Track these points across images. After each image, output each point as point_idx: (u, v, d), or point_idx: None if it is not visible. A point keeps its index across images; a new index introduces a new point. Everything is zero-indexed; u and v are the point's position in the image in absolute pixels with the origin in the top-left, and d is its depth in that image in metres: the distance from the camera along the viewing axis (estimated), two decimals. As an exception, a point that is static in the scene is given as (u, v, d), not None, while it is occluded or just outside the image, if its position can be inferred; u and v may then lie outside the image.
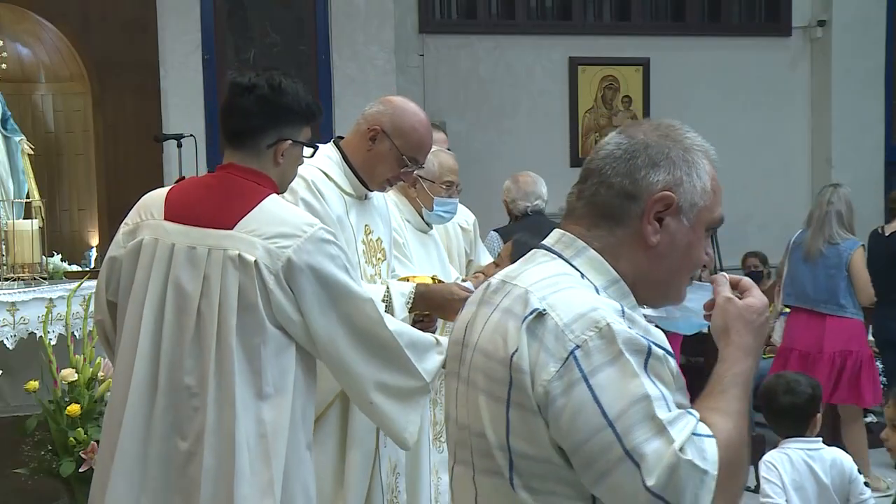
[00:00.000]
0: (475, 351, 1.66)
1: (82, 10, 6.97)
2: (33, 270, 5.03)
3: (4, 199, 5.48)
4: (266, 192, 2.56)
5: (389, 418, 2.73)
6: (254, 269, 2.43)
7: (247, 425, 2.42)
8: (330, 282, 2.52)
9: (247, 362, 2.43)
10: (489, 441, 1.60)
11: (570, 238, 1.68)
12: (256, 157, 2.58)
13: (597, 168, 1.69)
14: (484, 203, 8.07)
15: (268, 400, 2.45)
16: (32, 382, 4.26)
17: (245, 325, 2.44)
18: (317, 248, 2.49)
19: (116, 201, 6.93)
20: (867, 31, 9.52)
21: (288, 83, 2.60)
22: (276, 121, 2.58)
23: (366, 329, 2.61)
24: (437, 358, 2.79)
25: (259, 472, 2.42)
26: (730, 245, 8.03)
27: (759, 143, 9.45)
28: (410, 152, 3.15)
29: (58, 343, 4.50)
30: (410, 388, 2.75)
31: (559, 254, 1.68)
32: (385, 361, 2.67)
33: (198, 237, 2.48)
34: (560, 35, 9.18)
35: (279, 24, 7.44)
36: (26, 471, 4.15)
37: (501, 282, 1.70)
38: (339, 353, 2.58)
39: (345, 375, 2.64)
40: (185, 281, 2.46)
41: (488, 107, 9.00)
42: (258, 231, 2.46)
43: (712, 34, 9.55)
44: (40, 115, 7.17)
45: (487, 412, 1.60)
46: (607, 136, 1.75)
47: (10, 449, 4.24)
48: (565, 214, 1.74)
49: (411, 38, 8.72)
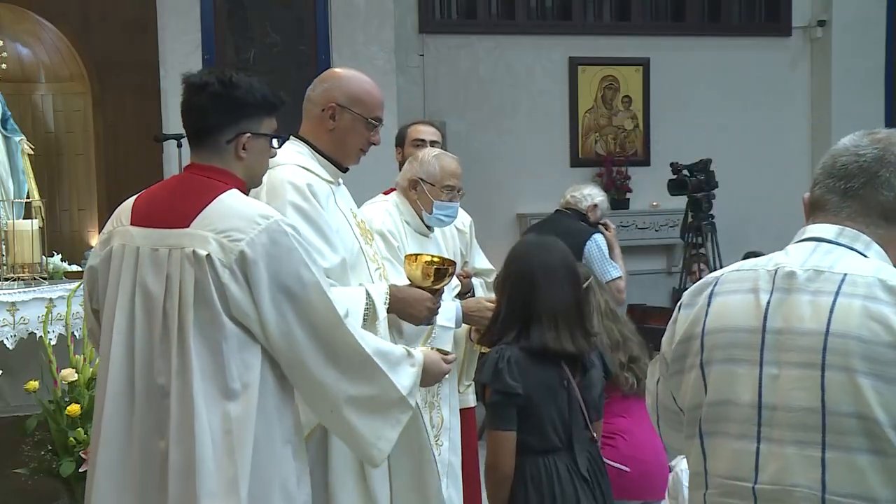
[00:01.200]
0: (831, 336, 1.75)
1: (82, 10, 6.98)
2: (33, 270, 5.03)
3: (4, 199, 5.47)
4: (224, 187, 2.54)
5: (355, 430, 2.62)
6: (206, 264, 2.42)
7: (211, 420, 2.41)
8: (283, 275, 2.46)
9: (209, 357, 2.43)
10: (876, 420, 1.70)
11: (854, 233, 1.84)
12: (218, 153, 2.59)
13: (867, 170, 1.85)
14: (484, 203, 8.07)
15: (233, 395, 2.42)
16: (32, 382, 4.27)
17: (203, 321, 2.43)
18: (271, 240, 2.45)
19: (116, 201, 6.85)
20: (867, 31, 9.52)
21: (240, 77, 2.58)
22: (232, 115, 2.57)
23: (324, 328, 2.52)
24: (411, 371, 2.69)
25: (224, 468, 2.41)
26: (730, 245, 8.04)
27: (759, 143, 9.45)
28: (372, 113, 3.14)
29: (58, 343, 4.50)
30: (383, 399, 2.63)
31: (849, 246, 1.83)
32: (348, 366, 2.56)
33: (159, 238, 2.50)
34: (560, 35, 9.18)
35: (279, 24, 7.43)
36: (26, 471, 4.15)
37: (814, 271, 1.81)
38: (295, 352, 2.50)
39: (300, 379, 2.55)
40: (151, 283, 2.48)
41: (488, 107, 9.00)
42: (212, 226, 2.45)
43: (712, 34, 9.56)
44: (40, 115, 7.17)
45: (874, 393, 1.70)
46: (851, 139, 1.92)
47: (10, 449, 4.24)
48: (818, 208, 1.89)
49: (411, 38, 8.72)
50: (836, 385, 1.73)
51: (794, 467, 1.76)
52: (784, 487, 1.77)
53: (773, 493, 1.79)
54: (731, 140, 9.25)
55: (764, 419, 1.80)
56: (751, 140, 9.41)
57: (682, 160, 8.27)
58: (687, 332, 1.94)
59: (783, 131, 9.58)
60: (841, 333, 1.74)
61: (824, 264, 1.81)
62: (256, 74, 2.71)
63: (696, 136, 9.13)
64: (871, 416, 1.70)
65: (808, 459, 1.75)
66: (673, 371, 1.98)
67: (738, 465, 1.83)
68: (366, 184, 4.08)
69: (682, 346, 1.94)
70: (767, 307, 1.82)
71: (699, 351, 1.90)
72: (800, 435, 1.76)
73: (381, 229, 3.68)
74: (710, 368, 1.88)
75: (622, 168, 9.20)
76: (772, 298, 1.82)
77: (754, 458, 1.81)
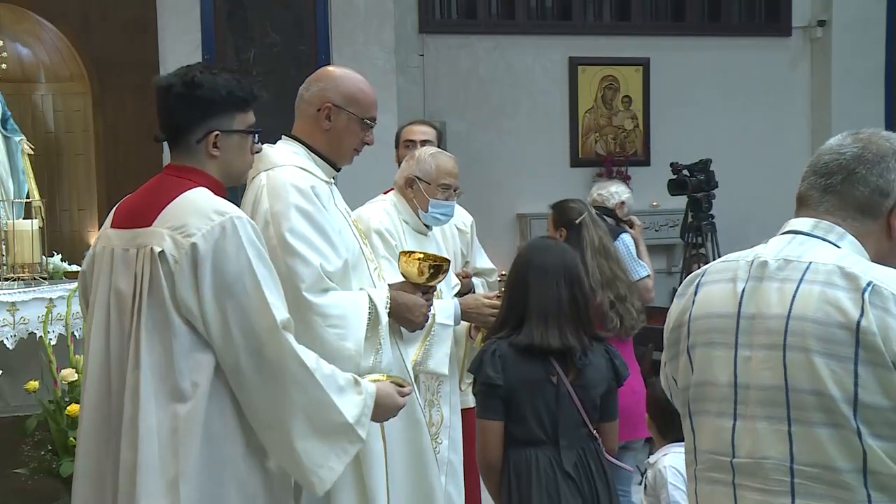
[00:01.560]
0: (791, 319, 1.89)
1: (82, 10, 6.97)
2: (33, 270, 5.03)
3: (4, 199, 5.47)
4: (190, 185, 2.54)
5: (294, 451, 2.49)
6: (159, 260, 2.44)
7: (160, 418, 2.40)
8: (228, 274, 2.43)
9: (160, 356, 2.43)
10: (831, 396, 1.83)
11: (829, 225, 1.97)
12: (190, 153, 2.60)
13: (846, 167, 1.98)
14: (484, 203, 8.07)
15: (183, 394, 2.42)
16: (32, 382, 4.27)
17: (157, 320, 2.44)
18: (222, 236, 2.44)
19: (116, 201, 6.81)
20: (867, 31, 9.52)
21: (203, 76, 2.57)
22: (198, 115, 2.57)
23: (262, 334, 2.44)
24: (357, 399, 2.58)
25: (167, 468, 2.40)
26: (730, 245, 8.02)
27: (759, 143, 9.45)
28: (368, 113, 3.13)
29: (58, 343, 4.51)
30: (327, 423, 2.52)
31: (822, 238, 1.96)
32: (286, 380, 2.47)
33: (130, 238, 2.53)
34: (560, 35, 9.18)
35: (279, 24, 7.43)
36: (26, 471, 4.16)
37: (784, 260, 1.95)
38: (231, 354, 2.44)
39: (238, 386, 2.47)
40: (122, 283, 2.51)
41: (488, 107, 9.00)
42: (169, 223, 2.47)
43: (712, 34, 9.55)
44: (40, 115, 7.17)
45: (828, 371, 1.83)
46: (837, 139, 2.04)
47: (10, 449, 4.24)
48: (802, 203, 2.04)
49: (411, 38, 8.72)
50: (796, 364, 1.88)
51: (765, 441, 1.91)
52: (757, 460, 1.92)
53: (749, 466, 1.93)
54: (731, 140, 9.25)
55: (739, 398, 1.95)
56: (751, 140, 9.40)
57: (682, 160, 8.27)
58: (678, 320, 2.10)
59: (783, 131, 9.58)
60: (800, 317, 1.88)
61: (794, 254, 1.96)
62: (258, 74, 2.70)
63: (696, 136, 9.13)
64: (826, 393, 1.84)
65: (777, 433, 1.90)
66: (670, 356, 2.14)
67: (719, 441, 1.98)
68: (365, 184, 4.09)
69: (675, 332, 2.11)
70: (742, 295, 1.98)
71: (687, 336, 2.06)
72: (769, 411, 1.91)
73: (378, 228, 3.67)
74: (695, 352, 2.04)
75: (622, 168, 9.19)
76: (746, 286, 1.98)
77: (730, 434, 1.96)
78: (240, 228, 2.46)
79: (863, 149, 1.99)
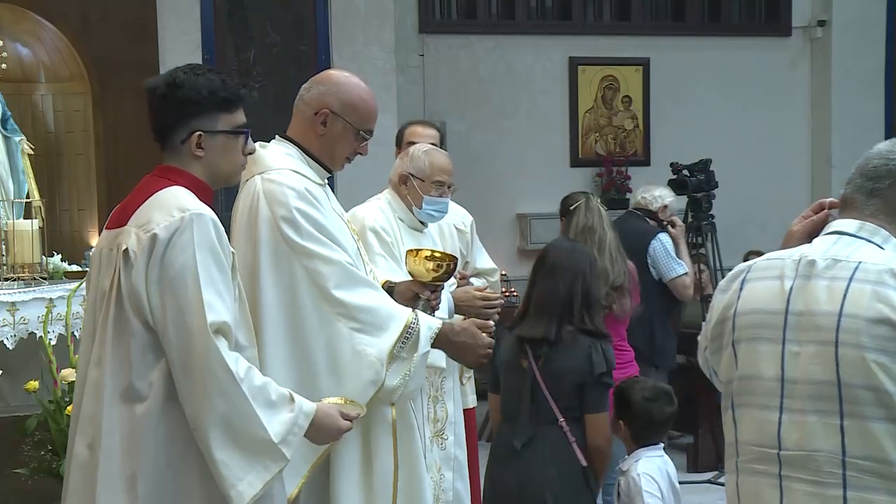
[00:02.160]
0: (843, 317, 1.96)
1: (82, 10, 6.98)
2: (33, 270, 5.02)
3: (4, 199, 5.47)
4: (167, 184, 2.54)
5: (214, 460, 2.40)
6: (123, 258, 2.46)
7: (120, 416, 2.42)
8: (174, 267, 2.41)
9: (120, 353, 2.44)
10: (887, 392, 1.91)
11: (874, 227, 2.06)
12: (175, 154, 2.61)
13: (894, 172, 2.07)
14: (484, 203, 8.07)
15: (139, 394, 2.42)
16: (32, 382, 4.26)
17: (119, 317, 2.45)
18: (179, 231, 2.42)
19: (116, 201, 6.85)
20: (867, 31, 9.52)
21: (186, 77, 2.56)
22: (181, 116, 2.57)
23: (192, 332, 2.39)
24: (286, 417, 2.47)
25: (125, 465, 2.41)
26: (730, 245, 8.02)
27: (759, 143, 9.45)
28: (364, 125, 3.06)
29: (58, 343, 4.50)
30: (248, 436, 2.42)
31: (867, 239, 2.05)
32: (208, 383, 2.39)
33: (112, 238, 2.55)
34: (560, 35, 9.18)
35: (279, 24, 7.43)
36: (26, 471, 4.15)
37: (832, 260, 2.03)
38: (166, 350, 2.41)
39: (177, 385, 2.42)
40: (104, 282, 2.53)
41: (488, 107, 9.00)
42: (137, 221, 2.49)
43: (712, 34, 9.55)
44: (40, 115, 7.18)
45: (882, 367, 1.92)
46: (886, 144, 2.12)
47: (10, 449, 4.24)
48: (847, 206, 2.11)
49: (411, 38, 8.72)
50: (849, 360, 1.95)
51: (816, 434, 1.98)
52: (808, 453, 1.99)
53: (798, 459, 2.00)
54: (731, 140, 9.25)
55: (786, 392, 2.03)
56: (751, 140, 9.40)
57: (682, 160, 8.23)
58: (722, 315, 2.17)
59: (783, 131, 9.58)
60: (852, 314, 1.96)
61: (842, 254, 2.03)
62: (258, 74, 2.70)
63: (696, 136, 9.12)
64: (882, 388, 1.92)
65: (828, 427, 1.97)
66: (712, 350, 2.22)
67: (763, 433, 2.06)
68: (365, 184, 4.09)
69: (718, 327, 2.18)
70: (790, 292, 2.05)
71: (731, 331, 2.13)
72: (819, 405, 1.98)
73: (373, 226, 3.66)
74: (740, 347, 2.11)
75: (622, 168, 9.19)
76: (794, 284, 2.05)
77: (776, 427, 2.03)
78: (196, 225, 2.44)
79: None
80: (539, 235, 8.90)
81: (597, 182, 9.19)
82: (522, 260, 9.04)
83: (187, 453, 2.45)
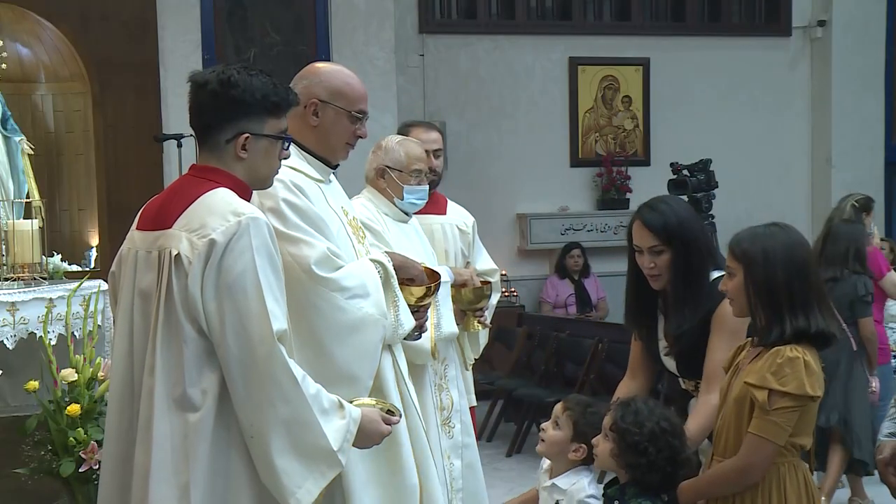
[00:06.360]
0: None
1: (82, 10, 6.98)
2: (33, 270, 5.02)
3: (4, 199, 5.47)
4: (212, 186, 2.51)
5: (274, 468, 2.40)
6: (174, 263, 2.41)
7: (172, 423, 2.39)
8: (233, 274, 2.38)
9: (173, 360, 2.41)
10: None
11: None
12: (217, 153, 2.56)
13: None
14: (484, 203, 8.07)
15: (193, 400, 2.39)
16: (32, 382, 4.26)
17: (171, 323, 2.42)
18: (237, 237, 2.39)
19: (116, 201, 6.93)
20: (867, 31, 9.53)
21: (241, 76, 2.54)
22: (230, 115, 2.53)
23: (255, 340, 2.38)
24: (340, 424, 2.48)
25: (180, 473, 2.39)
26: (730, 245, 8.03)
27: (759, 143, 9.45)
28: (355, 106, 3.10)
29: (58, 343, 4.50)
30: (308, 445, 2.43)
31: None
32: (271, 390, 2.38)
33: (152, 240, 2.50)
34: (560, 35, 9.18)
35: (279, 24, 7.44)
36: (26, 471, 4.15)
37: None
38: (223, 357, 2.39)
39: (233, 393, 2.40)
40: (146, 285, 2.49)
41: (488, 107, 9.01)
42: (188, 225, 2.44)
43: (712, 34, 9.56)
44: (40, 115, 7.17)
45: None
46: None
47: (10, 449, 4.24)
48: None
49: (411, 38, 8.72)
50: None
51: None
52: None
53: None
54: (731, 140, 9.25)
55: None
56: (751, 140, 9.41)
57: (682, 160, 8.26)
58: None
59: (783, 131, 9.58)
60: None
61: None
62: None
63: (696, 136, 9.13)
64: None
65: None
66: None
67: None
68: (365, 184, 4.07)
69: None
70: None
71: None
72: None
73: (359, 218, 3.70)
74: None
75: (622, 168, 9.20)
76: None
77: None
78: (253, 229, 2.42)
79: None
80: (538, 235, 8.90)
81: (597, 182, 9.19)
82: (522, 260, 9.05)
83: (239, 462, 2.43)
